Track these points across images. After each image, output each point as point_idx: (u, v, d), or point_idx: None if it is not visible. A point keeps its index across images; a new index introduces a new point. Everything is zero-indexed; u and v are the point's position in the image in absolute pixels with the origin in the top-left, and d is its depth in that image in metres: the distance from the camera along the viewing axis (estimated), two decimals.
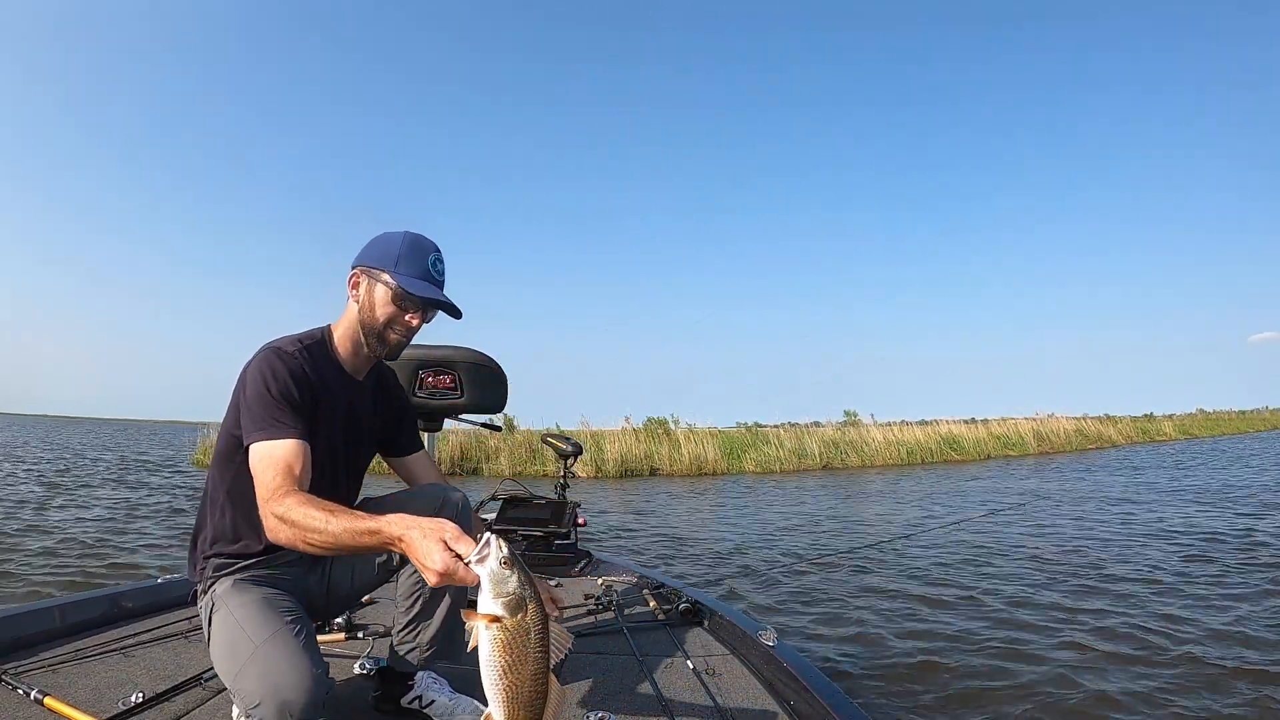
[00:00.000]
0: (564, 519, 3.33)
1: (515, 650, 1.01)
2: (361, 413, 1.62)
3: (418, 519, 1.13)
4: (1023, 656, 3.28)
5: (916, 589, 4.62)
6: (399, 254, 1.48)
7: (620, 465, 15.54)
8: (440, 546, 1.06)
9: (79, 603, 2.29)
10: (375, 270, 1.50)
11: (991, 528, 7.22)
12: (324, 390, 1.51)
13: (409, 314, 1.51)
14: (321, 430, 1.49)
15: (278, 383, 1.40)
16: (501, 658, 1.01)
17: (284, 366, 1.43)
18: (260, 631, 1.27)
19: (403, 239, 1.51)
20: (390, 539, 1.13)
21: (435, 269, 1.52)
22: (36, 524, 6.94)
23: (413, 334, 1.55)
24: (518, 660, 1.01)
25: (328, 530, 1.18)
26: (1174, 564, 5.20)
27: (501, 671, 1.01)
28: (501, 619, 1.01)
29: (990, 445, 20.91)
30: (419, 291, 1.47)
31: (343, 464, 1.60)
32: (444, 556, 1.05)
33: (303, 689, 1.18)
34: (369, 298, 1.50)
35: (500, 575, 1.02)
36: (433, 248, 1.53)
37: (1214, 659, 3.16)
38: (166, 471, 14.38)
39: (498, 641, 1.01)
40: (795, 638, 3.58)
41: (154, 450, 22.92)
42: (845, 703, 1.70)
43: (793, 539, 6.83)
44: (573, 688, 1.85)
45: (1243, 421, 40.06)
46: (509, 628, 1.01)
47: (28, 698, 1.60)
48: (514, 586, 1.02)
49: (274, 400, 1.38)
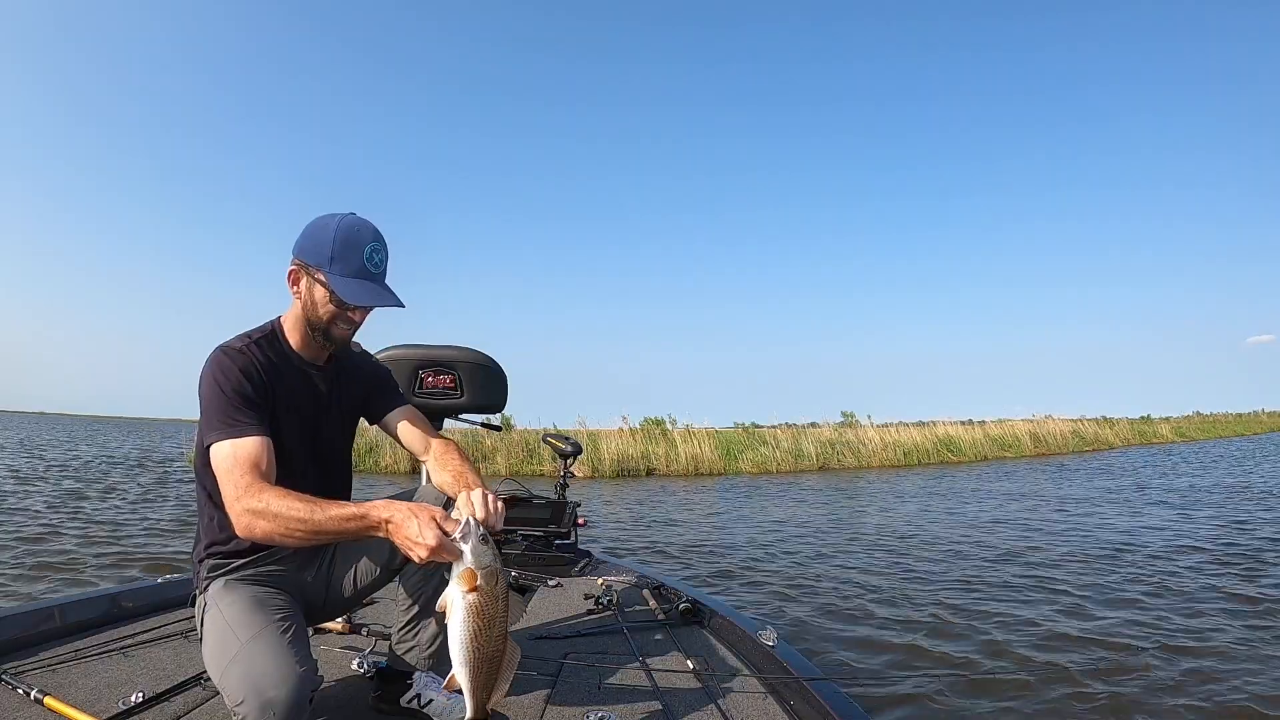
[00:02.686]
0: (564, 519, 3.33)
1: (486, 615, 1.22)
2: (329, 399, 1.61)
3: (401, 503, 1.24)
4: (1022, 655, 3.29)
5: (916, 589, 4.63)
6: (332, 252, 1.42)
7: (617, 465, 15.55)
8: (432, 525, 1.20)
9: (79, 603, 2.28)
10: (311, 268, 1.46)
11: (990, 528, 7.23)
12: (280, 383, 1.50)
13: (350, 311, 1.49)
14: (284, 423, 1.50)
15: (230, 381, 1.41)
16: (474, 622, 1.21)
17: (234, 364, 1.43)
18: (246, 630, 1.28)
19: (335, 232, 1.43)
20: (376, 522, 1.23)
21: (371, 262, 1.45)
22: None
23: (357, 327, 1.54)
24: (488, 624, 1.22)
25: (311, 519, 1.23)
26: (1201, 570, 5.22)
27: (474, 634, 1.21)
28: (479, 587, 1.21)
29: (987, 447, 20.96)
30: (353, 298, 1.43)
31: (318, 453, 1.59)
32: (435, 533, 1.19)
33: (285, 687, 1.18)
34: (309, 295, 1.48)
35: (481, 550, 1.22)
36: (369, 237, 1.45)
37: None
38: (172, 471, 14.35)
39: (473, 607, 1.21)
40: (795, 638, 3.58)
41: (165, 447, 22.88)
42: (845, 702, 1.71)
43: (791, 539, 6.83)
44: (573, 688, 1.85)
45: (1240, 424, 40.17)
46: (485, 594, 1.21)
47: (28, 697, 1.60)
48: (490, 560, 1.23)
49: (228, 400, 1.39)
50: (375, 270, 1.47)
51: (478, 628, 1.21)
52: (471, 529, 1.23)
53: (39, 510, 7.82)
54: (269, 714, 1.16)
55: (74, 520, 7.19)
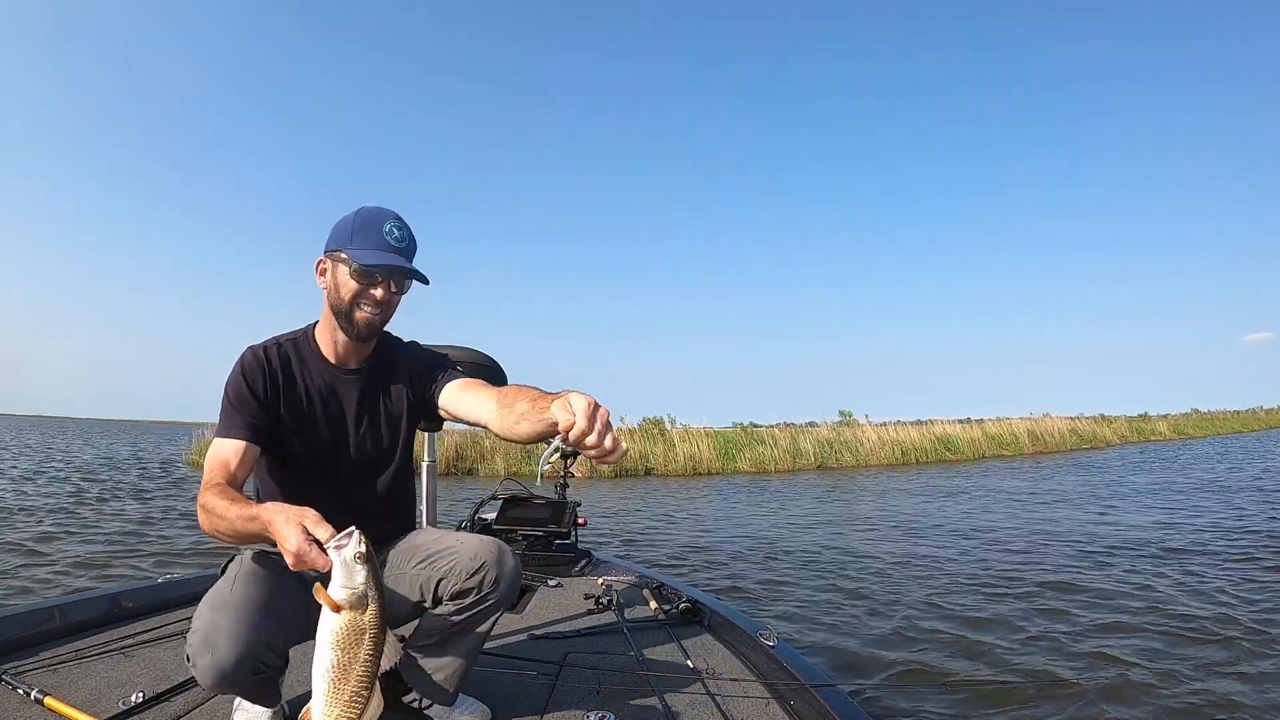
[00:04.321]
0: (564, 519, 3.33)
1: (349, 647, 1.05)
2: (361, 405, 1.57)
3: (288, 506, 1.17)
4: (1021, 654, 3.29)
5: (915, 589, 4.64)
6: (352, 230, 1.46)
7: (616, 465, 15.51)
8: (298, 530, 1.11)
9: (79, 603, 2.28)
10: (335, 253, 1.48)
11: (988, 529, 7.24)
12: (296, 388, 1.52)
13: (373, 287, 1.47)
14: (304, 431, 1.52)
15: (235, 383, 1.47)
16: (334, 651, 1.05)
17: (247, 367, 1.49)
18: (240, 585, 1.32)
19: (355, 215, 1.48)
20: (265, 524, 1.17)
21: (393, 236, 1.46)
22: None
23: (382, 308, 1.49)
24: (350, 659, 1.04)
25: (227, 516, 1.24)
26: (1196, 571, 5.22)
27: (331, 664, 1.04)
28: (342, 609, 1.05)
29: (985, 445, 20.98)
30: (373, 260, 1.44)
31: (356, 461, 1.57)
32: (299, 539, 1.10)
33: (233, 644, 1.23)
34: (334, 280, 1.49)
35: (351, 567, 1.06)
36: (389, 216, 1.48)
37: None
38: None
39: (335, 632, 1.05)
40: (795, 637, 3.59)
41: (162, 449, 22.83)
42: (845, 702, 1.71)
43: (790, 539, 6.84)
44: (573, 688, 1.85)
45: (1238, 421, 40.20)
46: (346, 622, 1.05)
47: (28, 698, 1.60)
48: (360, 581, 1.05)
49: (229, 402, 1.46)
50: (397, 244, 1.47)
51: (337, 658, 1.04)
52: (350, 541, 1.07)
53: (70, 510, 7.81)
54: (206, 655, 1.23)
55: (106, 518, 7.18)
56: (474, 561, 1.45)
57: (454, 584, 1.45)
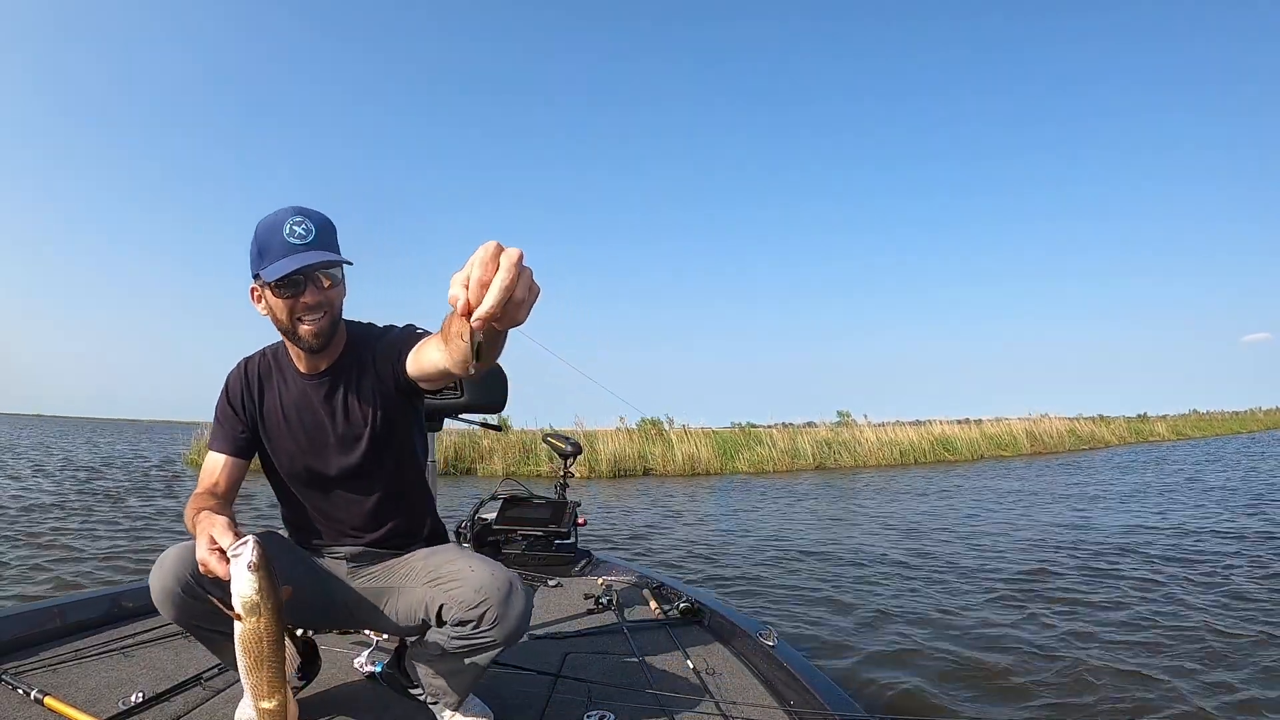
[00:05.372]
0: (564, 519, 3.33)
1: (249, 651, 1.11)
2: (334, 408, 1.51)
3: (212, 516, 1.21)
4: (1021, 654, 3.30)
5: (915, 588, 4.64)
6: (258, 248, 1.39)
7: (614, 465, 15.54)
8: (205, 539, 1.16)
9: (79, 603, 2.28)
10: (255, 279, 1.42)
11: (987, 528, 7.25)
12: (271, 398, 1.55)
13: (300, 296, 1.39)
14: (285, 440, 1.54)
15: (221, 400, 1.56)
16: (241, 655, 1.12)
17: (231, 383, 1.57)
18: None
19: (255, 232, 1.40)
20: (194, 532, 1.24)
21: (295, 235, 1.36)
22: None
23: (319, 310, 1.41)
24: (254, 661, 1.12)
25: (187, 522, 1.31)
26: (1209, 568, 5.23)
27: (245, 668, 1.13)
28: (240, 617, 1.10)
29: (983, 446, 20.98)
30: (284, 270, 1.34)
31: (326, 462, 1.53)
32: (204, 548, 1.15)
33: (169, 578, 1.32)
34: (267, 305, 1.43)
35: (242, 576, 1.09)
36: (287, 214, 1.37)
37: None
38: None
39: (239, 637, 1.12)
40: (795, 637, 3.59)
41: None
42: (846, 703, 1.71)
43: (789, 539, 6.84)
44: (573, 687, 1.85)
45: (1236, 422, 40.25)
46: (246, 629, 1.10)
47: (28, 698, 1.60)
48: (250, 591, 1.08)
49: (215, 417, 1.55)
50: (302, 240, 1.36)
51: (246, 664, 1.12)
52: (244, 550, 1.10)
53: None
54: (154, 585, 1.34)
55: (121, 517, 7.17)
56: (477, 594, 1.37)
57: (455, 613, 1.39)
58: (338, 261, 1.40)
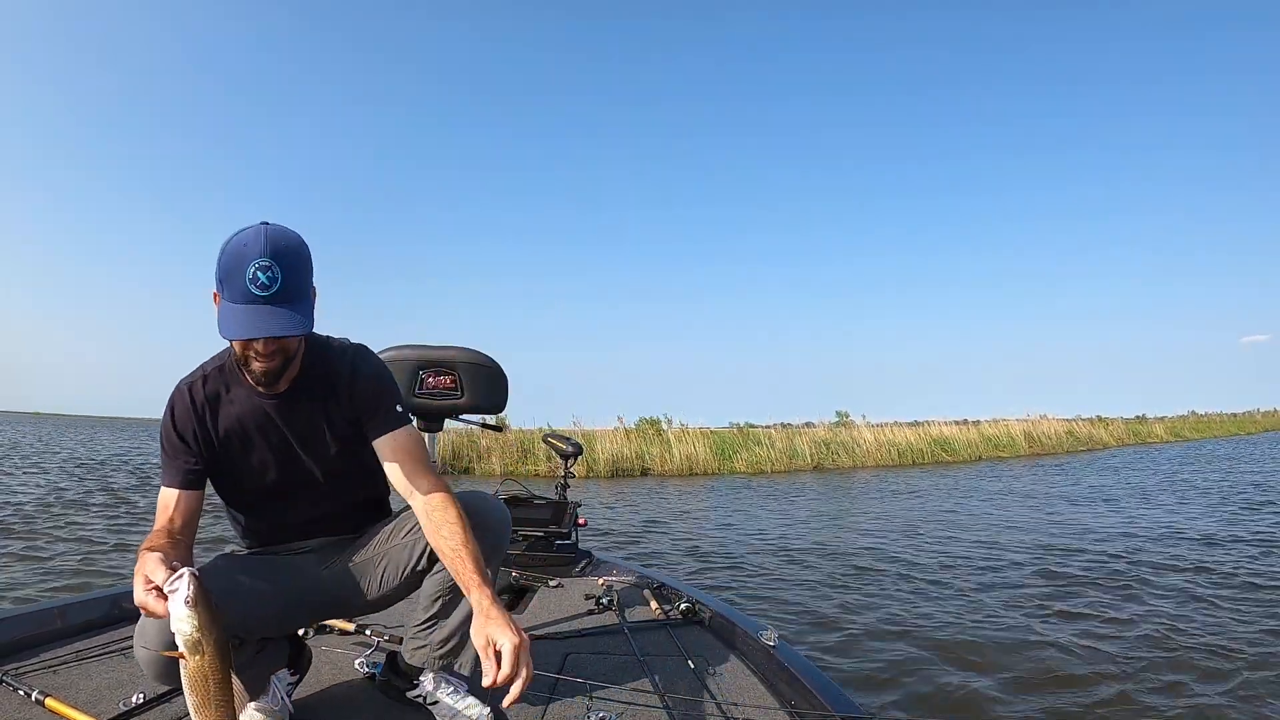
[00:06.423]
0: (565, 519, 3.33)
1: (196, 690, 1.03)
2: (298, 426, 1.45)
3: (146, 555, 1.11)
4: (1021, 654, 3.31)
5: (915, 588, 4.65)
6: (225, 271, 1.23)
7: (612, 465, 15.55)
8: (141, 579, 1.06)
9: (80, 604, 2.27)
10: (217, 293, 1.28)
11: (986, 528, 7.26)
12: (225, 421, 1.41)
13: (252, 343, 1.28)
14: (251, 461, 1.45)
15: (165, 431, 1.40)
16: (190, 695, 1.04)
17: (175, 412, 1.40)
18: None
19: (224, 250, 1.25)
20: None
21: (256, 283, 1.21)
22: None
23: (273, 358, 1.32)
24: (201, 701, 1.03)
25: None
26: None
27: (193, 707, 1.04)
28: (184, 656, 1.02)
29: (981, 447, 21.02)
30: (226, 330, 1.23)
31: (300, 481, 1.50)
32: (140, 589, 1.06)
33: (150, 643, 1.23)
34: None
35: (180, 614, 1.01)
36: (255, 254, 1.21)
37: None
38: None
39: (184, 676, 1.04)
40: (796, 637, 3.59)
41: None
42: (846, 703, 1.71)
43: (788, 539, 6.85)
44: (573, 688, 1.85)
45: (1234, 424, 40.33)
46: (190, 667, 1.02)
47: (29, 699, 1.60)
48: (189, 629, 1.01)
49: (162, 449, 1.40)
50: (262, 292, 1.22)
51: (194, 702, 1.04)
52: (180, 586, 1.02)
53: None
54: (138, 654, 1.27)
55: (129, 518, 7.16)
56: None
57: None
58: (284, 333, 1.25)
